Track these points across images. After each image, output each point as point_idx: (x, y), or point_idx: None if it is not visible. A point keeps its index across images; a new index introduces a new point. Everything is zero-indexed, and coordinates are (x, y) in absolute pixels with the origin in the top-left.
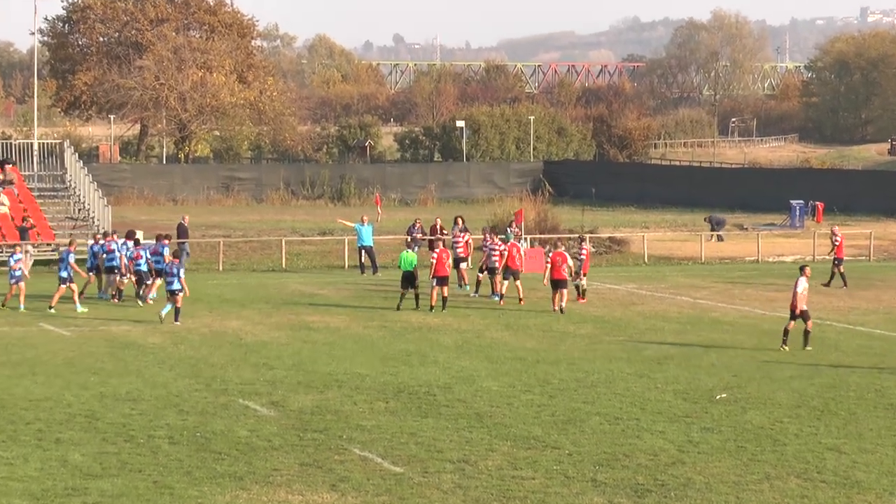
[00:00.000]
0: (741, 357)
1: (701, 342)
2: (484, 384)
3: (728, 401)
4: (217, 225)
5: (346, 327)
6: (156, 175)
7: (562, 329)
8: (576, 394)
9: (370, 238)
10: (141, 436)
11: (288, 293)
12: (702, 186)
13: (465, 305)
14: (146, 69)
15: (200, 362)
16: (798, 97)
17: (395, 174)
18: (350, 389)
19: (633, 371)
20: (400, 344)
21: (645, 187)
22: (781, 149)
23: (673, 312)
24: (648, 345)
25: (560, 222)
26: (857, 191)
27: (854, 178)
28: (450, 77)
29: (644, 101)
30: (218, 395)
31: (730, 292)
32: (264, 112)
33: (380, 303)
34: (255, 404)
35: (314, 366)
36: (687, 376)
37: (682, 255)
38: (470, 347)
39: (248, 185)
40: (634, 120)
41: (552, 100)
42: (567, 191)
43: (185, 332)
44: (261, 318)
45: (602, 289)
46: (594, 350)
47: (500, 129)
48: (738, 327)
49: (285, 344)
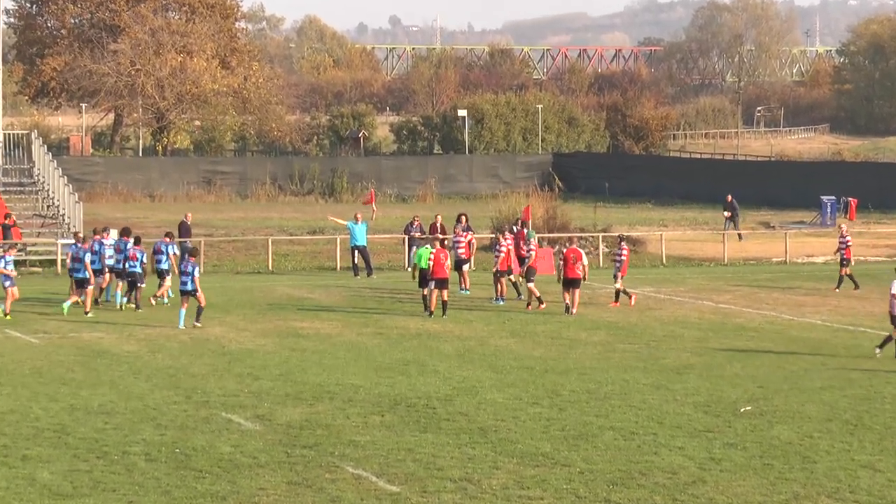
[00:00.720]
0: (767, 366)
1: (724, 350)
2: (488, 396)
3: (753, 414)
4: (198, 223)
5: (339, 334)
6: (131, 169)
7: (572, 336)
8: (587, 406)
9: (364, 237)
10: (115, 452)
11: (275, 297)
12: (724, 181)
13: (468, 310)
14: (121, 54)
15: (180, 372)
16: (829, 84)
17: (392, 168)
18: (342, 402)
19: (650, 382)
20: (397, 352)
21: (663, 182)
22: (811, 140)
23: (693, 318)
24: (667, 353)
25: (570, 220)
26: (894, 186)
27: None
28: (451, 62)
29: (662, 88)
30: (199, 408)
31: (755, 296)
32: (249, 100)
33: (375, 307)
34: (239, 418)
35: (303, 376)
36: (708, 387)
37: (702, 256)
38: (473, 356)
39: (232, 180)
40: (651, 109)
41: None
42: (578, 186)
43: (163, 340)
44: (245, 325)
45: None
46: (608, 359)
47: (506, 119)
48: (764, 334)
49: (272, 352)
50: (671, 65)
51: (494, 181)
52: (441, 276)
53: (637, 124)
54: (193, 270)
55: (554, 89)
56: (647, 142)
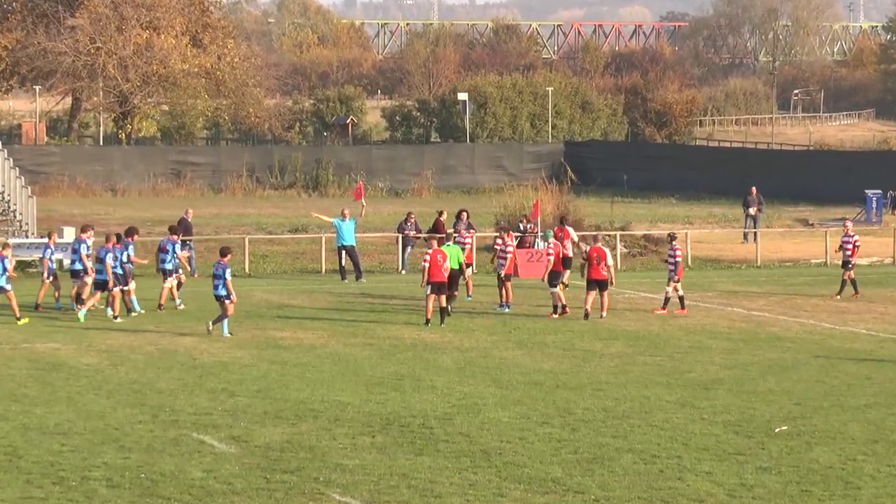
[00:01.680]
0: (806, 381)
1: (756, 363)
2: (491, 414)
3: (790, 434)
4: (166, 220)
5: (324, 345)
6: (91, 159)
7: (587, 347)
8: (603, 426)
9: (352, 236)
10: (73, 477)
11: (252, 303)
12: (757, 173)
13: (469, 318)
14: (79, 30)
15: (145, 388)
16: (875, 64)
17: (383, 158)
18: (328, 421)
19: (674, 398)
20: (389, 365)
21: (688, 174)
22: (854, 127)
23: (722, 327)
24: (693, 366)
25: (584, 217)
26: None
27: None
28: (450, 40)
29: (687, 68)
30: (167, 428)
31: (792, 302)
32: (223, 82)
33: (364, 315)
34: (211, 439)
35: (284, 392)
36: (739, 405)
37: (732, 257)
38: (474, 369)
39: (204, 172)
40: (675, 92)
41: (575, 67)
42: (593, 178)
43: (127, 351)
44: (219, 334)
45: (636, 298)
46: (626, 373)
47: (512, 104)
48: (801, 345)
49: (249, 365)
50: (697, 42)
51: (499, 173)
52: (438, 280)
53: (659, 109)
54: (225, 273)
55: (566, 70)
56: (670, 129)
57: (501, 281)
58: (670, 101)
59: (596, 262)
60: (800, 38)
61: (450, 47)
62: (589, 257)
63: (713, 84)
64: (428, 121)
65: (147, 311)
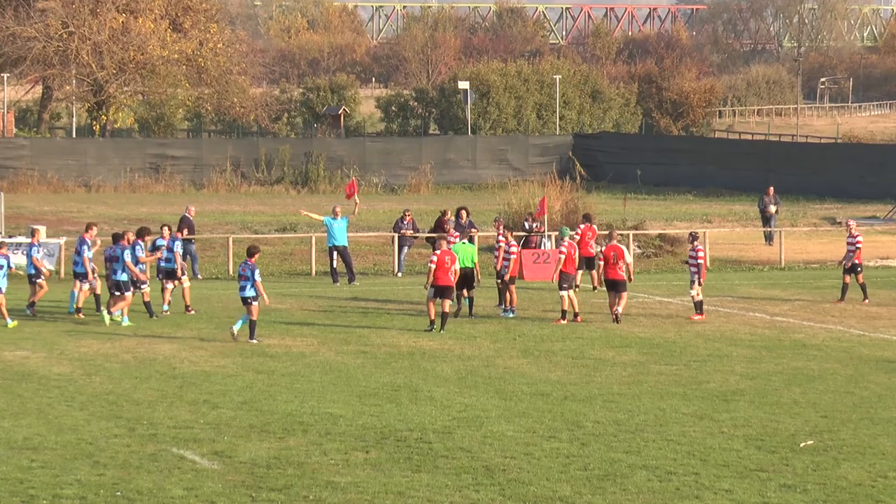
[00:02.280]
0: (833, 392)
1: (780, 372)
2: (495, 428)
3: (816, 449)
4: (144, 218)
5: (314, 353)
6: (63, 153)
7: (597, 355)
8: (615, 441)
9: (345, 236)
10: (44, 496)
11: (237, 308)
12: (781, 167)
13: (470, 324)
14: (51, 13)
15: (121, 399)
16: None
17: (378, 151)
18: (318, 435)
19: (691, 411)
20: (384, 375)
21: (706, 169)
22: (886, 118)
23: (744, 333)
24: (711, 376)
25: (595, 214)
26: None
27: None
28: (450, 24)
29: (705, 55)
30: (144, 443)
31: (818, 307)
32: (205, 69)
33: (357, 321)
34: (193, 454)
35: (271, 404)
36: (762, 417)
37: (754, 258)
38: (476, 379)
39: (185, 166)
40: (692, 80)
41: (585, 54)
42: (604, 173)
43: (101, 360)
44: (201, 342)
45: (650, 302)
46: (640, 383)
47: (517, 93)
48: (828, 353)
49: (233, 375)
50: (716, 27)
51: (502, 168)
52: (444, 284)
53: (675, 99)
54: (253, 274)
55: (575, 56)
56: (687, 120)
57: (505, 284)
58: (687, 90)
59: (613, 262)
60: (827, 22)
61: (450, 32)
62: (605, 257)
63: (733, 72)
64: (426, 111)
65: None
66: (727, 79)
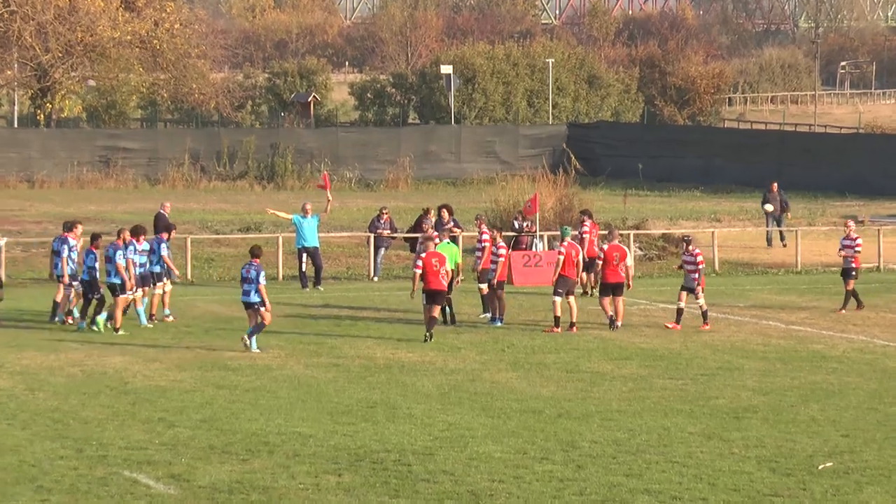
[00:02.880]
0: (855, 409)
1: (797, 387)
2: (481, 448)
3: (836, 472)
4: (93, 217)
5: (281, 366)
6: (3, 144)
7: (595, 368)
8: (614, 463)
9: (315, 236)
10: None
11: (195, 316)
12: (797, 160)
13: (454, 333)
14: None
15: (68, 417)
16: None
17: (352, 143)
18: (285, 457)
19: (699, 429)
20: (359, 390)
21: (715, 162)
22: None
23: (756, 343)
24: (721, 391)
25: (592, 213)
26: None
27: None
28: (431, 2)
29: (714, 36)
30: (93, 465)
31: (839, 315)
32: (161, 53)
33: (329, 330)
34: (147, 478)
35: (233, 422)
36: (776, 437)
37: (768, 261)
38: (461, 395)
39: (138, 159)
40: (700, 64)
41: (580, 35)
42: (602, 167)
43: (46, 374)
44: (156, 353)
45: (652, 309)
46: (641, 399)
47: (505, 78)
48: (850, 365)
49: (191, 390)
50: (726, 5)
51: (490, 161)
52: (436, 288)
53: (680, 85)
54: (258, 276)
55: (569, 38)
56: (693, 108)
57: (492, 289)
58: (694, 76)
59: (614, 263)
60: (847, 0)
61: (431, 11)
62: (606, 257)
63: (745, 55)
64: (405, 99)
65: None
66: (738, 62)
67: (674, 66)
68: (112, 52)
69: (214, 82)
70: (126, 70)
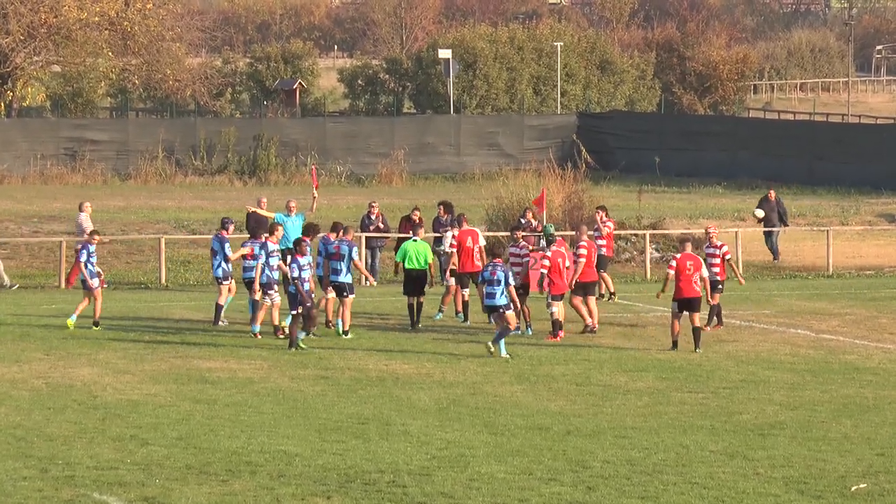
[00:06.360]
0: (891, 425)
1: (828, 402)
2: (483, 468)
3: (870, 494)
4: (57, 215)
5: (264, 379)
6: None
7: (606, 381)
8: (629, 484)
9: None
10: None
11: (171, 324)
12: (828, 153)
13: (453, 341)
14: None
15: (31, 434)
16: None
17: (342, 134)
18: (269, 477)
19: (721, 448)
20: (349, 405)
21: (739, 155)
22: None
23: (784, 354)
24: (745, 406)
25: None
26: None
27: None
28: None
29: (737, 18)
30: (59, 486)
31: (874, 322)
32: (132, 35)
33: (317, 341)
34: (118, 501)
35: (213, 440)
36: (805, 455)
37: (797, 264)
38: (460, 410)
39: (107, 152)
40: (722, 49)
41: (592, 16)
42: (615, 161)
43: (7, 387)
44: (127, 364)
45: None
46: (658, 415)
47: (509, 63)
48: (886, 377)
49: (166, 405)
50: None
51: (492, 154)
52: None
53: (701, 71)
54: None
55: (580, 19)
56: (715, 96)
57: (520, 297)
58: (716, 61)
59: (688, 274)
60: None
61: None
62: (679, 268)
63: (772, 38)
64: (400, 86)
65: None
66: (763, 46)
67: (694, 51)
68: (78, 34)
69: (190, 68)
70: (94, 54)
